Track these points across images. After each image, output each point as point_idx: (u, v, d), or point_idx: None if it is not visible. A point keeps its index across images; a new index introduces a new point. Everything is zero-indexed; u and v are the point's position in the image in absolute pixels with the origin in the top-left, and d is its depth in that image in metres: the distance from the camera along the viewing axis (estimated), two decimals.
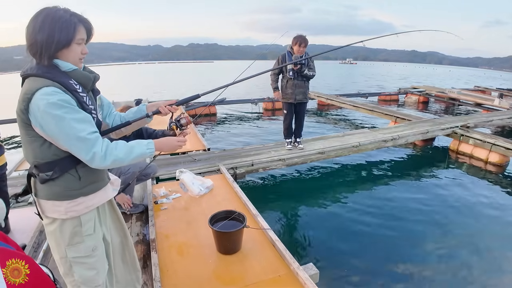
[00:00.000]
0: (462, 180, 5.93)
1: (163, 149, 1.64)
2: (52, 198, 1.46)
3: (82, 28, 1.40)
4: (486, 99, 13.22)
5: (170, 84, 32.35)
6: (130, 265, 1.93)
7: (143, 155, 1.52)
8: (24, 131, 1.38)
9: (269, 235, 2.88)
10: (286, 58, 5.09)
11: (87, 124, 1.37)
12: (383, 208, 4.75)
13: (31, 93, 1.29)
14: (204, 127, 10.47)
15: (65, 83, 1.37)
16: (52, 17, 1.33)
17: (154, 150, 1.56)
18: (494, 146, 6.49)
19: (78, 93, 1.41)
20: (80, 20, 1.39)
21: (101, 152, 1.37)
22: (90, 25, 1.45)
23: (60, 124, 1.30)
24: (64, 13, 1.36)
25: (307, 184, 5.80)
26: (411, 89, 17.55)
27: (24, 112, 1.31)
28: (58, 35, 1.33)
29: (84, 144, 1.34)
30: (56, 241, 1.52)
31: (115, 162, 1.43)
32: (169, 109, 1.77)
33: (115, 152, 1.42)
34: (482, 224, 4.45)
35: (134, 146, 1.49)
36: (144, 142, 1.54)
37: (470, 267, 3.51)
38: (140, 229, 3.31)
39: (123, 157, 1.44)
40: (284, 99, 5.37)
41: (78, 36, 1.39)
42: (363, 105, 11.08)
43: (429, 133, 7.21)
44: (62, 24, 1.33)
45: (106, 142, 1.42)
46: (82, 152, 1.36)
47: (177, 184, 4.06)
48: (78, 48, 1.41)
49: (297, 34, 5.00)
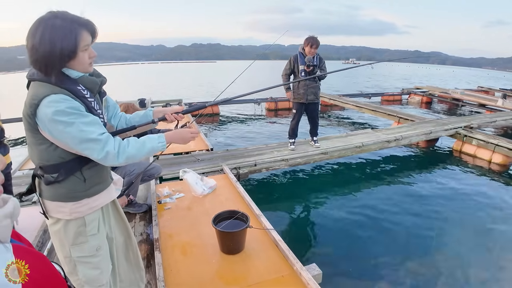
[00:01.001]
0: (466, 181, 5.91)
1: (175, 140, 1.63)
2: (56, 199, 1.46)
3: (85, 32, 1.33)
4: (490, 100, 13.18)
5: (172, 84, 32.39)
6: (134, 264, 1.94)
7: (155, 149, 1.53)
8: (31, 134, 1.38)
9: (272, 235, 2.89)
10: (298, 59, 5.15)
11: (96, 126, 1.37)
12: (386, 209, 4.74)
13: (38, 99, 1.28)
14: (207, 127, 10.49)
15: (73, 89, 1.36)
16: (50, 30, 1.25)
17: (165, 143, 1.56)
18: (498, 147, 6.47)
19: (86, 99, 1.40)
20: (81, 24, 1.32)
21: (114, 150, 1.38)
22: (92, 26, 1.37)
23: (69, 130, 1.30)
24: (63, 22, 1.28)
25: (310, 184, 5.79)
26: (414, 89, 17.51)
27: (32, 117, 1.31)
28: (61, 49, 1.27)
29: (97, 145, 1.35)
30: (60, 241, 1.53)
31: (128, 159, 1.44)
32: (175, 117, 1.77)
33: (128, 149, 1.43)
34: (486, 224, 4.43)
35: (145, 141, 1.49)
36: (155, 136, 1.54)
37: (474, 268, 3.50)
38: (144, 228, 3.32)
39: (136, 153, 1.46)
40: (295, 99, 5.42)
41: (83, 43, 1.33)
42: (366, 105, 11.07)
43: (432, 133, 7.20)
44: (63, 36, 1.26)
45: (118, 141, 1.42)
46: (95, 152, 1.36)
47: (181, 184, 4.07)
48: (85, 54, 1.37)
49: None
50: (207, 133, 7.41)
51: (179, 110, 1.80)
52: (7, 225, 0.58)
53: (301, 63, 5.12)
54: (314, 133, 5.82)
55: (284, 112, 12.81)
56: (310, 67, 5.03)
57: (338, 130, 10.18)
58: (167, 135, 1.58)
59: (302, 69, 5.11)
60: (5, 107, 3.78)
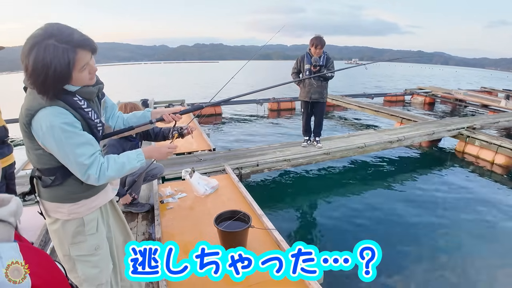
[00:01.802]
0: (468, 182, 5.90)
1: (153, 156, 1.70)
2: (55, 200, 1.48)
3: (82, 53, 1.28)
4: (493, 100, 13.13)
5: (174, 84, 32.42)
6: None
7: (134, 168, 1.56)
8: (28, 139, 1.39)
9: (274, 235, 2.89)
10: (305, 59, 5.27)
11: (86, 148, 1.38)
12: (388, 210, 4.74)
13: (34, 110, 1.28)
14: (210, 127, 10.50)
15: (70, 101, 1.35)
16: (43, 54, 1.19)
17: (144, 160, 1.60)
18: (500, 148, 6.45)
19: (83, 109, 1.40)
20: (76, 44, 1.25)
21: (95, 174, 1.41)
22: (90, 43, 1.31)
23: (60, 147, 1.32)
24: (57, 44, 1.21)
25: (312, 184, 5.79)
26: (417, 90, 17.45)
27: (27, 126, 1.32)
28: (54, 75, 1.22)
29: (81, 168, 1.38)
30: (60, 240, 1.55)
31: (109, 180, 1.49)
32: (172, 117, 1.79)
33: (107, 173, 1.45)
34: (488, 225, 4.42)
35: (124, 162, 1.52)
36: (134, 155, 1.56)
37: (478, 268, 3.50)
38: (146, 228, 3.33)
39: (115, 175, 1.49)
40: (300, 97, 5.58)
41: (79, 65, 1.28)
42: (369, 105, 11.05)
43: (435, 134, 7.18)
44: (57, 61, 1.21)
45: (99, 164, 1.43)
46: (78, 173, 1.40)
47: (183, 184, 4.08)
48: (84, 73, 1.33)
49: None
50: (209, 133, 7.41)
51: (177, 110, 1.81)
52: (11, 224, 0.59)
53: (306, 62, 5.23)
54: (317, 133, 5.85)
55: (287, 112, 12.85)
56: (317, 67, 5.11)
57: (341, 130, 10.18)
58: (145, 151, 1.61)
59: (307, 69, 5.21)
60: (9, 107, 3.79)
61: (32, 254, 0.56)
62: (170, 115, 1.78)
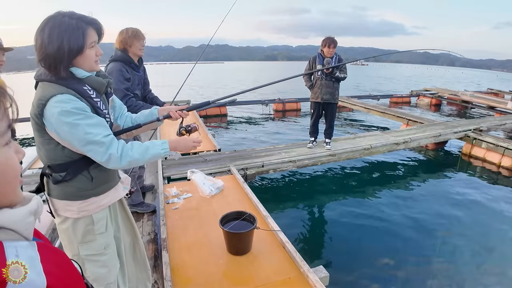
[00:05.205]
0: (475, 184, 5.85)
1: (178, 148, 1.64)
2: (64, 198, 1.49)
3: (92, 30, 1.37)
4: (499, 102, 13.01)
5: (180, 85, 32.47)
6: (141, 264, 1.96)
7: (158, 155, 1.55)
8: (38, 133, 1.40)
9: (279, 237, 2.88)
10: (316, 59, 5.27)
11: (101, 128, 1.39)
12: (394, 212, 4.71)
13: (45, 99, 1.31)
14: (215, 128, 10.51)
15: (80, 90, 1.38)
16: (58, 27, 1.28)
17: (169, 149, 1.58)
18: (507, 150, 6.38)
19: (92, 99, 1.42)
20: (88, 22, 1.36)
21: (117, 153, 1.40)
22: (99, 25, 1.41)
23: (74, 131, 1.32)
24: (70, 19, 1.31)
25: (317, 186, 5.78)
26: (423, 91, 17.34)
27: (39, 116, 1.33)
28: (69, 45, 1.30)
29: (100, 147, 1.37)
30: (69, 239, 1.55)
31: (131, 163, 1.46)
32: (179, 114, 1.79)
33: (131, 153, 1.44)
34: (495, 228, 4.38)
35: (149, 147, 1.51)
36: (159, 142, 1.55)
37: (483, 270, 3.47)
38: (152, 228, 3.34)
39: (139, 158, 1.47)
40: (312, 98, 5.54)
41: (89, 40, 1.36)
42: (375, 107, 10.98)
43: (441, 136, 7.12)
44: (71, 32, 1.30)
45: (121, 144, 1.44)
46: (98, 155, 1.38)
47: (188, 184, 4.09)
48: (92, 51, 1.40)
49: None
50: (214, 134, 7.41)
51: (183, 107, 1.83)
52: (31, 222, 0.60)
53: (318, 63, 5.22)
54: (327, 135, 5.80)
55: (292, 113, 12.84)
56: (329, 69, 5.09)
57: (347, 131, 10.14)
58: (170, 142, 1.59)
59: (319, 69, 5.19)
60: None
61: (50, 253, 0.57)
62: (177, 112, 1.79)
